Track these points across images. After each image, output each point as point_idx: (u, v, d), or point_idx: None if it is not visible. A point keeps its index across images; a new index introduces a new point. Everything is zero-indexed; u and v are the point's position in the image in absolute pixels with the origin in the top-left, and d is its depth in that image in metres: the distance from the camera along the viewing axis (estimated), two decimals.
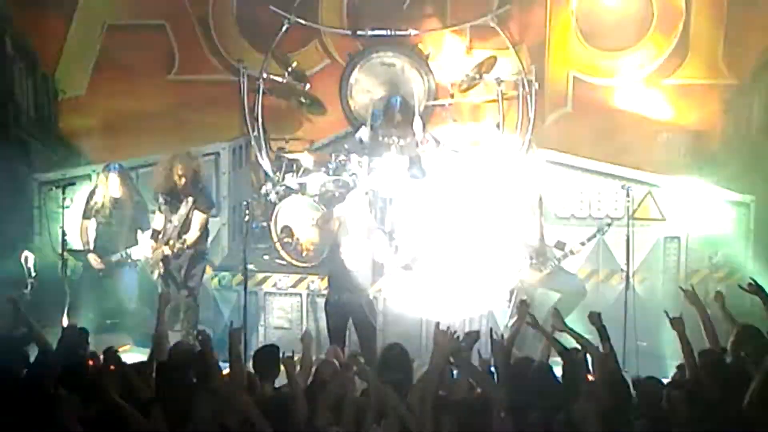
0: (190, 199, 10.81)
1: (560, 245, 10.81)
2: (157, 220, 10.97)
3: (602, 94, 13.03)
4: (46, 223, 11.85)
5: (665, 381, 7.48)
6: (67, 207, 11.19)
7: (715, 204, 11.63)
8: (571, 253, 10.77)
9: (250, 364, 8.01)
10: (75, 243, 11.27)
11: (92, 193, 11.31)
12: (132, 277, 11.23)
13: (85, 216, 11.21)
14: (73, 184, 11.54)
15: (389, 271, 10.34)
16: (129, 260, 11.08)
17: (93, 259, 11.06)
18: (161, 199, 10.87)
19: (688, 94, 12.94)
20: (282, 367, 7.21)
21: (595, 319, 7.65)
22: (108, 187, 11.13)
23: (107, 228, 11.15)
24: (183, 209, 10.81)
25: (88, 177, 11.93)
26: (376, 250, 10.09)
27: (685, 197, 11.62)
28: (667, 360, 9.04)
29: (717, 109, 12.96)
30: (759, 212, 11.67)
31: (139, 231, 11.14)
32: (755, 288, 8.02)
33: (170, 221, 10.83)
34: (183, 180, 10.79)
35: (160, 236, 10.85)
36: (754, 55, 12.74)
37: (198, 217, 10.87)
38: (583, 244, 10.86)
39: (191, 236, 10.79)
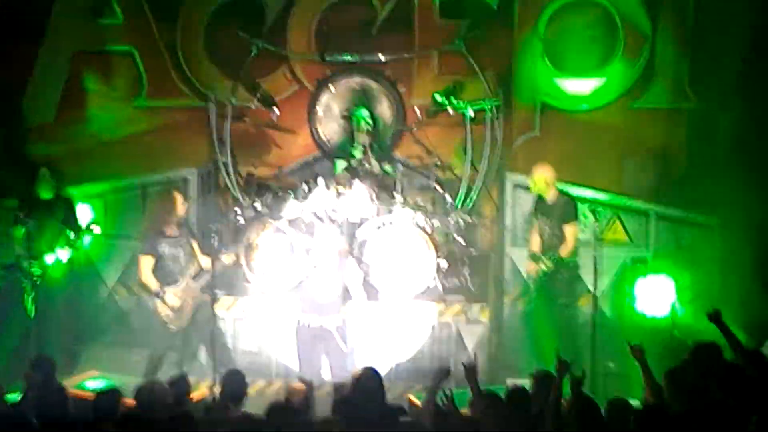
0: (184, 230, 10.64)
1: None
2: (149, 273, 10.49)
3: (570, 119, 13.10)
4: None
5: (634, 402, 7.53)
6: None
7: (681, 227, 11.71)
8: None
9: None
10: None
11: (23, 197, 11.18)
12: (67, 278, 11.10)
13: (17, 222, 11.01)
14: None
15: (357, 297, 10.32)
16: (60, 262, 10.89)
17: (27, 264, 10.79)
18: (160, 246, 10.47)
19: (655, 118, 13.01)
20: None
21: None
22: (37, 188, 11.00)
23: (38, 231, 10.96)
24: (192, 244, 10.56)
25: None
26: (347, 276, 10.08)
27: (651, 220, 11.70)
28: (634, 382, 9.07)
29: (683, 134, 13.05)
30: (724, 235, 11.75)
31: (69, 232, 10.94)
32: (715, 317, 7.89)
33: (178, 262, 10.42)
34: (185, 207, 10.59)
35: (169, 283, 10.47)
36: (720, 80, 12.83)
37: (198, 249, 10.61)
38: None
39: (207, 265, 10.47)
